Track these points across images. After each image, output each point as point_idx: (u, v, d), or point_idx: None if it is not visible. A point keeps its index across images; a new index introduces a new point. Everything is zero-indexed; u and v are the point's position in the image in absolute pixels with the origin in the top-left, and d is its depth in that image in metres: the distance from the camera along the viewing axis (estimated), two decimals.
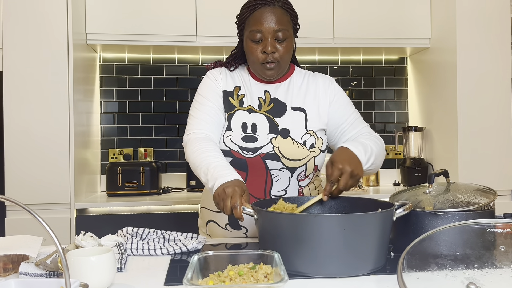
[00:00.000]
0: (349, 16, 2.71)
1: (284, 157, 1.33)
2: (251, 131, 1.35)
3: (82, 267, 0.85)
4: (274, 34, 1.30)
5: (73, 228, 2.32)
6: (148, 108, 2.92)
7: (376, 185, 2.92)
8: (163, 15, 2.57)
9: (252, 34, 1.32)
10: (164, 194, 2.71)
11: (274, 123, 1.36)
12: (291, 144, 1.34)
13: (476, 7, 2.51)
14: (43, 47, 2.30)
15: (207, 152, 1.27)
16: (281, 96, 1.40)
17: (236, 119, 1.36)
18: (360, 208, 1.16)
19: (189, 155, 1.31)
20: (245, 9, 1.36)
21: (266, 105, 1.38)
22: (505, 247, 0.82)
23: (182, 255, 1.16)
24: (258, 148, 1.33)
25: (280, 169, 1.34)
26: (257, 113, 1.37)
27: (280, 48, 1.32)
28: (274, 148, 1.33)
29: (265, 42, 1.31)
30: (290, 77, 1.43)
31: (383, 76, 3.11)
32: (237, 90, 1.41)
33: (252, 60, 1.35)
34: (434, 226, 1.07)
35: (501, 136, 2.53)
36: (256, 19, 1.31)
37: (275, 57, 1.31)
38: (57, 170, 2.30)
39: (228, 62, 1.46)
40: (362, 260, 0.95)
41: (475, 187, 1.19)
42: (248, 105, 1.38)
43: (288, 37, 1.33)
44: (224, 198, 1.11)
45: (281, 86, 1.41)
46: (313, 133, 1.36)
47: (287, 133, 1.35)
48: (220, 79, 1.42)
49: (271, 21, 1.30)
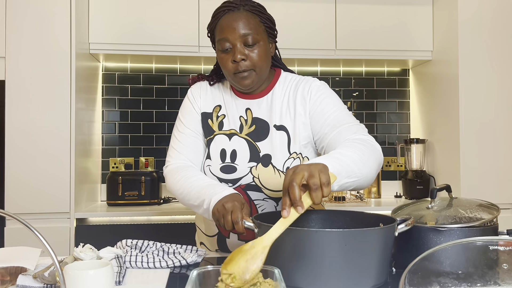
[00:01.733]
0: (351, 27, 2.72)
1: (266, 188, 1.27)
2: (230, 160, 1.29)
3: (80, 281, 0.84)
4: (242, 40, 1.21)
5: (72, 237, 2.31)
6: (149, 117, 2.92)
7: (377, 197, 2.91)
8: (166, 25, 2.58)
9: (220, 44, 1.23)
10: (164, 204, 2.70)
11: (255, 148, 1.28)
12: (272, 174, 1.26)
13: (479, 19, 2.52)
14: (46, 56, 2.31)
15: (193, 177, 1.24)
16: (264, 114, 1.30)
17: (215, 145, 1.31)
18: (362, 222, 1.14)
19: (172, 186, 1.29)
20: (212, 18, 1.28)
21: (248, 127, 1.30)
22: (507, 265, 0.80)
23: (182, 268, 1.15)
24: (238, 179, 1.28)
25: (264, 199, 1.29)
26: (238, 138, 1.30)
27: (251, 55, 1.22)
28: (255, 179, 1.27)
29: (234, 50, 1.22)
30: (272, 90, 1.33)
31: (385, 88, 3.11)
32: (216, 111, 1.34)
33: (225, 73, 1.26)
34: (437, 242, 1.06)
35: (503, 149, 2.52)
36: (221, 27, 1.23)
37: (247, 64, 1.22)
38: (57, 179, 2.30)
39: (209, 76, 1.39)
40: (363, 275, 0.94)
41: (478, 202, 1.18)
42: (230, 128, 1.32)
43: (259, 41, 1.23)
44: (224, 214, 1.09)
45: (263, 101, 1.32)
46: (297, 155, 1.27)
47: (269, 160, 1.27)
48: (199, 99, 1.36)
49: (237, 26, 1.21)
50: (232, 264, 0.85)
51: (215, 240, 1.37)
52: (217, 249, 1.37)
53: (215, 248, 1.38)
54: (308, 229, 0.98)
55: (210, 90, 1.38)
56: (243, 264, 0.85)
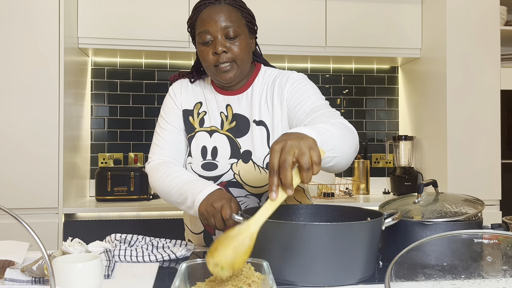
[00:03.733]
0: (342, 25, 2.73)
1: (247, 185, 1.27)
2: (211, 157, 1.29)
3: (68, 274, 0.84)
4: (224, 32, 1.21)
5: (60, 233, 2.29)
6: (139, 113, 2.91)
7: (366, 193, 2.93)
8: (156, 20, 2.57)
9: (201, 37, 1.23)
10: (153, 200, 2.69)
11: (236, 144, 1.29)
12: (252, 170, 1.26)
13: (467, 18, 2.55)
14: (34, 50, 2.28)
15: (174, 174, 1.24)
16: (244, 110, 1.31)
17: (196, 142, 1.31)
18: (349, 217, 1.16)
19: (154, 183, 1.29)
20: (192, 12, 1.27)
21: (228, 123, 1.31)
22: (491, 258, 0.82)
23: (171, 262, 1.15)
24: (219, 176, 1.28)
25: (246, 195, 1.29)
26: (219, 134, 1.30)
27: (232, 47, 1.21)
28: (235, 175, 1.27)
29: (215, 42, 1.21)
30: (252, 85, 1.33)
31: (374, 85, 3.13)
32: (197, 107, 1.35)
33: (205, 66, 1.25)
34: (423, 236, 1.08)
35: (490, 146, 2.56)
36: (202, 19, 1.23)
37: (228, 57, 1.21)
38: (45, 174, 2.28)
39: (190, 73, 1.39)
40: (350, 269, 0.95)
41: (463, 197, 1.20)
42: (211, 125, 1.32)
43: (240, 34, 1.23)
44: (214, 214, 1.09)
45: (243, 97, 1.32)
46: None
47: (249, 156, 1.27)
48: (180, 95, 1.36)
49: (219, 18, 1.21)
50: (218, 253, 0.79)
51: (202, 238, 1.37)
52: (205, 246, 1.38)
53: (202, 245, 1.38)
54: (296, 223, 0.99)
55: (191, 87, 1.37)
56: (230, 252, 0.79)
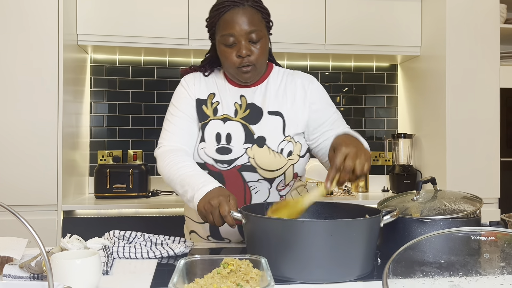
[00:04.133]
0: (341, 22, 2.73)
1: (261, 168, 1.28)
2: (226, 142, 1.29)
3: (66, 270, 0.84)
4: (248, 36, 1.25)
5: (59, 230, 2.29)
6: (138, 110, 2.91)
7: (365, 191, 2.94)
8: (155, 17, 2.57)
9: (224, 39, 1.26)
10: (152, 197, 2.69)
11: (249, 131, 1.30)
12: (267, 154, 1.28)
13: (466, 16, 2.54)
14: (33, 47, 2.28)
15: (180, 163, 1.24)
16: (258, 100, 1.34)
17: (210, 129, 1.31)
18: (347, 213, 1.16)
19: (161, 169, 1.29)
20: (214, 12, 1.29)
21: (242, 111, 1.33)
22: (489, 255, 0.82)
23: (169, 259, 1.15)
24: (233, 160, 1.29)
25: (258, 180, 1.30)
26: (232, 122, 1.31)
27: (255, 50, 1.26)
28: (250, 159, 1.28)
29: (239, 46, 1.25)
30: (267, 79, 1.37)
31: (374, 83, 3.13)
32: (211, 98, 1.36)
33: (227, 65, 1.29)
34: (421, 233, 1.08)
35: (489, 144, 2.56)
36: (226, 22, 1.25)
37: (251, 60, 1.26)
38: (44, 171, 2.28)
39: (202, 66, 1.41)
40: (349, 266, 0.95)
41: (462, 194, 1.20)
42: (223, 113, 1.33)
43: (262, 37, 1.27)
44: (211, 211, 1.09)
45: (257, 89, 1.36)
46: (291, 139, 1.30)
47: (263, 141, 1.29)
48: (193, 86, 1.37)
49: (243, 22, 1.24)
50: (278, 213, 1.08)
51: (207, 226, 1.37)
52: (209, 236, 1.37)
53: (206, 235, 1.38)
54: (295, 219, 0.99)
55: (204, 79, 1.39)
56: (285, 215, 1.07)
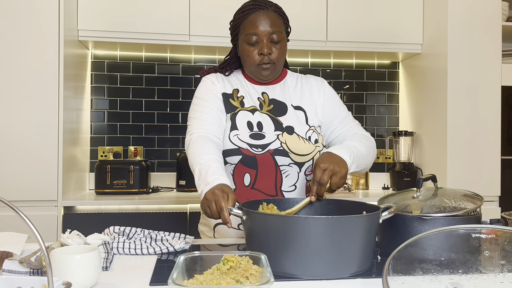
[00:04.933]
0: (343, 19, 2.72)
1: (293, 153, 1.36)
2: (258, 129, 1.38)
3: (66, 266, 0.84)
4: (270, 36, 1.36)
5: (60, 226, 2.29)
6: (139, 106, 2.91)
7: (365, 188, 2.94)
8: (156, 13, 2.56)
9: (248, 37, 1.36)
10: (153, 193, 2.69)
11: (277, 121, 1.40)
12: (297, 140, 1.37)
13: (468, 14, 2.54)
14: (34, 42, 2.28)
15: (203, 155, 1.26)
16: (279, 96, 1.44)
17: (240, 118, 1.39)
18: (343, 210, 1.17)
19: (189, 155, 1.31)
20: (239, 14, 1.40)
21: (267, 105, 1.43)
22: (489, 253, 0.82)
23: (169, 255, 1.16)
24: (267, 145, 1.36)
25: (289, 164, 1.37)
26: (260, 113, 1.40)
27: (275, 50, 1.37)
28: (282, 144, 1.36)
29: (261, 44, 1.35)
30: (284, 79, 1.49)
31: (375, 80, 3.13)
32: (236, 93, 1.44)
33: (248, 63, 1.39)
34: (421, 231, 1.08)
35: (490, 143, 2.55)
36: (251, 22, 1.36)
37: (271, 58, 1.36)
38: (45, 167, 2.28)
39: (222, 67, 1.49)
40: (347, 262, 0.95)
41: (463, 192, 1.20)
42: (251, 105, 1.42)
43: (282, 39, 1.38)
44: (209, 205, 1.12)
45: (277, 87, 1.46)
46: (315, 129, 1.42)
47: (292, 129, 1.39)
48: (217, 83, 1.44)
49: (266, 24, 1.35)
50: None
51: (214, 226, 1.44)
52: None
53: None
54: (297, 216, 1.00)
55: (225, 78, 1.48)
56: None
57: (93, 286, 0.89)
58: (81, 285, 0.85)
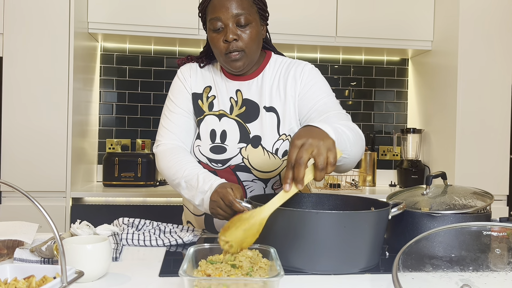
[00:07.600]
0: (352, 15, 2.70)
1: (255, 169, 1.28)
2: (220, 141, 1.29)
3: (77, 255, 0.85)
4: (235, 20, 1.21)
5: (68, 216, 2.31)
6: (147, 99, 2.91)
7: (372, 185, 2.93)
8: (166, 6, 2.56)
9: (212, 23, 1.22)
10: (160, 186, 2.70)
11: (245, 129, 1.28)
12: (261, 155, 1.26)
13: (479, 11, 2.51)
14: (44, 34, 2.29)
15: (182, 164, 1.23)
16: (253, 95, 1.31)
17: (205, 126, 1.31)
18: (351, 206, 1.15)
19: (162, 169, 1.28)
20: None
21: (238, 108, 1.30)
22: (500, 251, 0.82)
23: (178, 247, 1.16)
24: (228, 160, 1.28)
25: (253, 180, 1.29)
26: (228, 118, 1.30)
27: (243, 35, 1.21)
28: (244, 159, 1.27)
29: (226, 29, 1.21)
30: (263, 72, 1.33)
31: (384, 77, 3.11)
32: (207, 91, 1.34)
33: (216, 53, 1.26)
34: (430, 228, 1.08)
35: (499, 141, 2.54)
36: (214, 6, 1.22)
37: (239, 45, 1.21)
38: (54, 158, 2.29)
39: (200, 57, 1.38)
40: (356, 257, 0.95)
41: (472, 190, 1.19)
42: (219, 109, 1.31)
43: (251, 22, 1.22)
44: (218, 206, 1.11)
45: (254, 83, 1.32)
46: (286, 137, 1.28)
47: (259, 141, 1.27)
48: (189, 79, 1.35)
49: (230, 5, 1.20)
50: (230, 232, 0.89)
51: (202, 220, 1.37)
52: (204, 229, 1.37)
53: (202, 227, 1.38)
54: (309, 211, 0.99)
55: (200, 71, 1.37)
56: (240, 233, 0.89)
57: (103, 276, 0.90)
58: (92, 274, 0.86)
